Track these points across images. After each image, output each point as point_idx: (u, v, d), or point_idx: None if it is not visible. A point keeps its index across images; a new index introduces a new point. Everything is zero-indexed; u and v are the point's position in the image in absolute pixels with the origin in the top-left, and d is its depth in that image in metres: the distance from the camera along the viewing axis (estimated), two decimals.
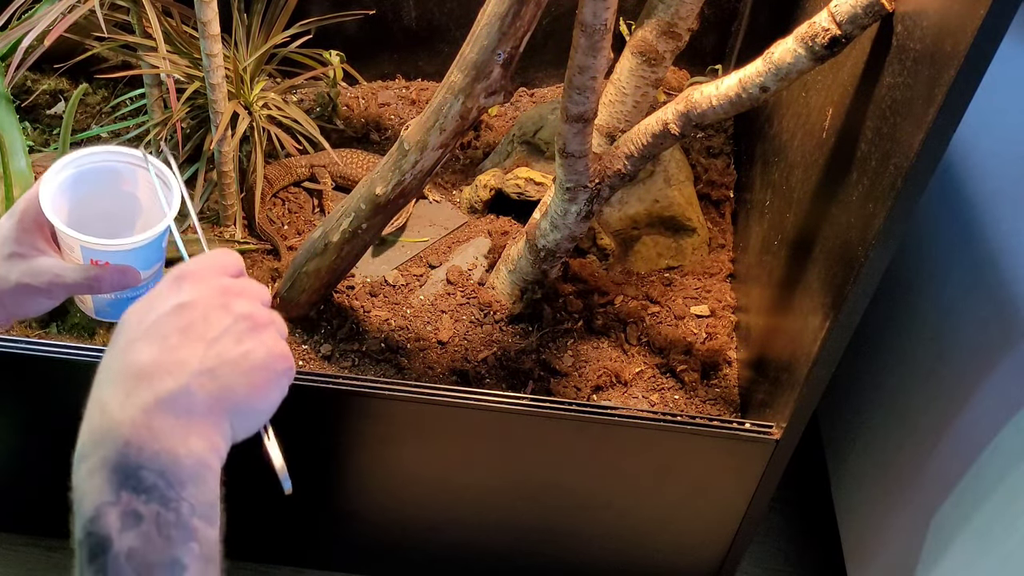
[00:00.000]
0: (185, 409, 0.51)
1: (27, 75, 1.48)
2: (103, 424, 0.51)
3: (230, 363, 0.53)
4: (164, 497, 0.49)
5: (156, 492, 0.48)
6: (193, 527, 0.49)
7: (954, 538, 1.05)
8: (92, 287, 0.75)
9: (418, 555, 1.30)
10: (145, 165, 0.80)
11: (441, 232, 1.42)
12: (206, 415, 0.51)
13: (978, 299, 1.06)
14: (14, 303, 0.74)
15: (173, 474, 0.49)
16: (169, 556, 0.48)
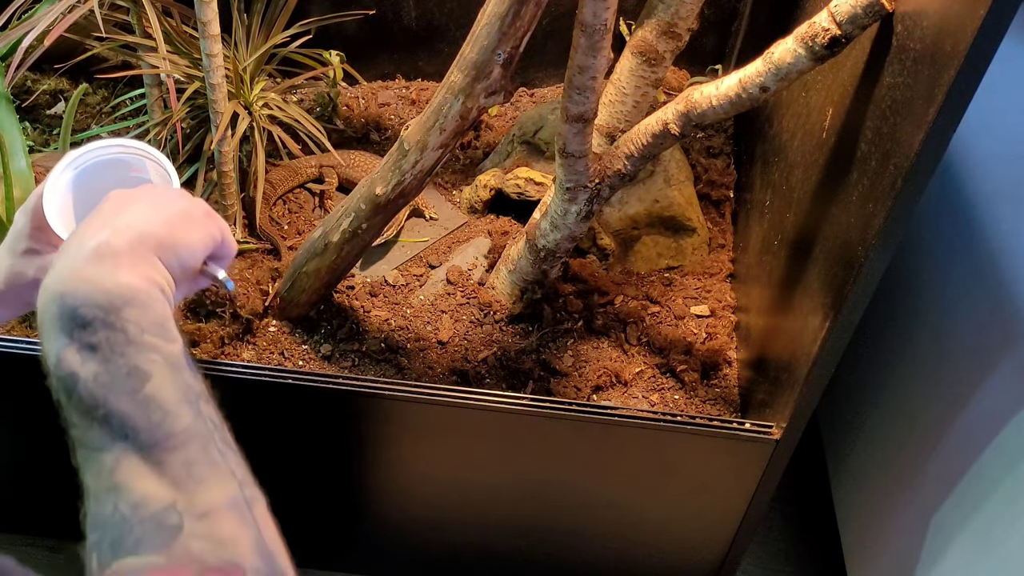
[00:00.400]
0: (108, 255, 0.57)
1: (27, 75, 1.48)
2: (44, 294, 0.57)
3: (146, 216, 0.61)
4: (107, 323, 0.54)
5: (99, 322, 0.54)
6: (147, 341, 0.55)
7: (954, 538, 1.05)
8: None
9: (418, 555, 1.30)
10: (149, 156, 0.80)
11: (441, 232, 1.42)
12: (130, 255, 0.58)
13: (978, 299, 1.06)
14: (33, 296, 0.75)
15: (108, 303, 0.55)
16: (129, 366, 0.54)
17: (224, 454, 0.55)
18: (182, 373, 0.56)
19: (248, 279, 1.27)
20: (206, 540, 0.51)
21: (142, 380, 0.54)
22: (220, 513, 0.53)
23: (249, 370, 1.08)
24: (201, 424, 0.55)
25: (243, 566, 0.51)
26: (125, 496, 0.52)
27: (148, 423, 0.53)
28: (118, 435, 0.53)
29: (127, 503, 0.52)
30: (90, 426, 0.53)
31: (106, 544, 0.51)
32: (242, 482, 0.55)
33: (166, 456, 0.53)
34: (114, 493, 0.52)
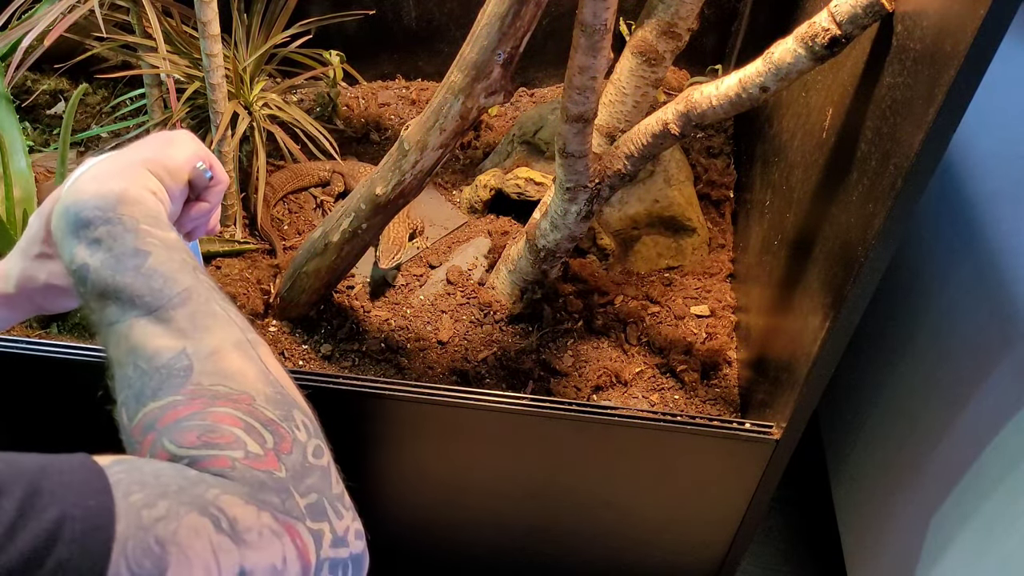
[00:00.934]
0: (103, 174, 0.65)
1: (27, 75, 1.48)
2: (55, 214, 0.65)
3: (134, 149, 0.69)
4: (105, 219, 0.62)
5: (99, 219, 0.63)
6: (143, 229, 0.63)
7: (954, 538, 1.05)
8: None
9: (418, 554, 1.30)
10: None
11: (441, 232, 1.42)
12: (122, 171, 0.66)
13: (978, 299, 1.06)
14: (45, 300, 0.78)
15: (105, 202, 0.63)
16: (130, 248, 0.61)
17: (224, 307, 0.62)
18: (179, 252, 0.63)
19: (248, 279, 1.27)
20: (215, 375, 0.57)
21: (143, 258, 0.61)
22: (226, 351, 0.59)
23: None
24: (200, 284, 0.62)
25: (250, 393, 0.57)
26: (141, 354, 0.58)
27: (151, 289, 0.60)
28: (127, 305, 0.60)
29: (144, 359, 0.58)
30: (104, 305, 0.60)
31: (132, 399, 0.57)
32: (243, 328, 0.61)
33: (171, 313, 0.59)
34: (132, 354, 0.58)
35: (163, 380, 0.57)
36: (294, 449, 0.57)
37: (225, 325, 0.61)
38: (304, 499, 0.56)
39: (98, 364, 1.10)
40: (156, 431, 0.55)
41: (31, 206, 1.26)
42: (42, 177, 1.39)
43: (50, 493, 0.47)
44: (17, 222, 1.24)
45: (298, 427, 0.59)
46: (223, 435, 0.55)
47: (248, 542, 0.51)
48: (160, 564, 0.48)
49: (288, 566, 0.53)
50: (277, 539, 0.53)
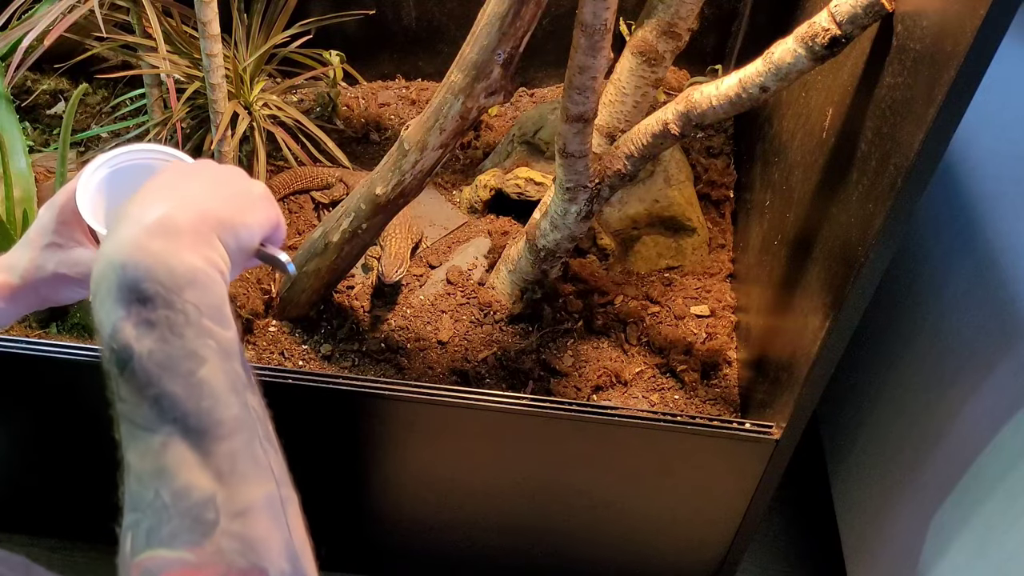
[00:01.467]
0: (172, 231, 0.56)
1: (27, 75, 1.48)
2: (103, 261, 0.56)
3: (207, 193, 0.60)
4: (168, 302, 0.54)
5: (160, 299, 0.54)
6: (204, 326, 0.55)
7: (954, 538, 1.05)
8: None
9: (417, 555, 1.30)
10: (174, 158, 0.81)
11: (441, 232, 1.42)
12: (193, 234, 0.57)
13: (978, 299, 1.06)
14: (49, 290, 0.76)
15: (171, 281, 0.54)
16: (186, 349, 0.54)
17: (266, 450, 0.56)
18: (233, 361, 0.56)
19: (248, 279, 1.27)
20: (238, 540, 0.52)
21: (197, 364, 0.54)
22: (256, 512, 0.53)
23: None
24: (247, 416, 0.56)
25: (268, 570, 0.52)
26: (168, 483, 0.52)
27: (198, 409, 0.53)
28: (168, 417, 0.53)
29: (169, 491, 0.52)
30: (140, 404, 0.53)
31: (142, 530, 0.52)
32: (279, 481, 0.56)
33: (213, 446, 0.53)
34: (158, 478, 0.52)
35: (183, 526, 0.51)
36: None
37: (263, 476, 0.55)
38: None
39: (98, 364, 1.10)
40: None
41: (31, 206, 1.26)
42: (42, 177, 1.39)
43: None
44: (17, 222, 1.24)
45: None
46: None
47: None
48: None
49: None
50: None
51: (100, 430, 0.80)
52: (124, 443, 0.54)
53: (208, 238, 0.58)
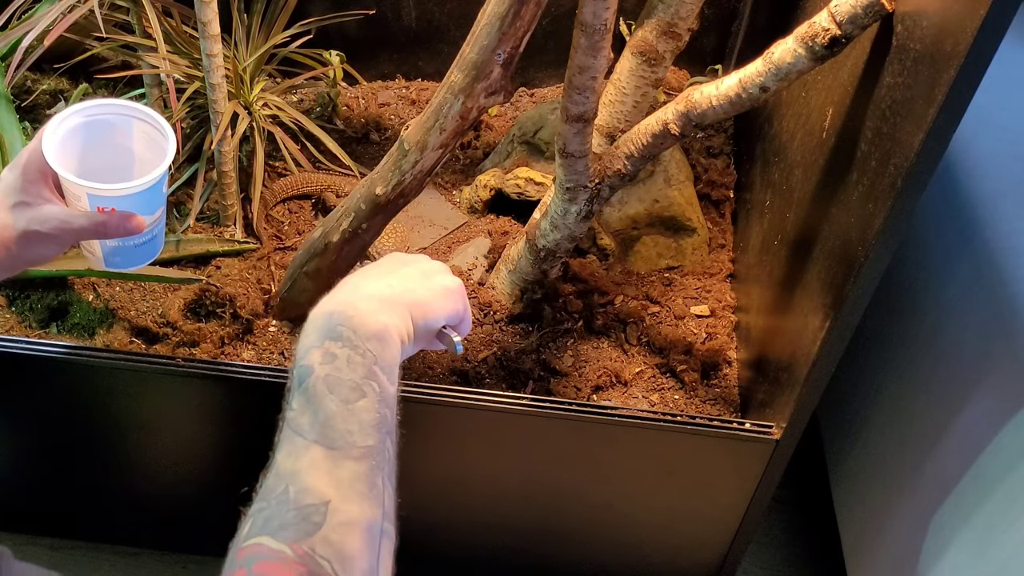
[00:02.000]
0: (376, 299, 0.71)
1: (27, 75, 1.48)
2: (320, 308, 0.70)
3: (414, 280, 0.75)
4: (353, 344, 0.67)
5: (348, 341, 0.67)
6: (374, 371, 0.67)
7: (954, 538, 1.05)
8: (99, 232, 0.82)
9: (416, 555, 1.30)
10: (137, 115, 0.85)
11: (441, 232, 1.42)
12: (392, 305, 0.72)
13: (978, 299, 1.06)
14: (22, 249, 0.80)
15: (362, 331, 0.68)
16: (354, 382, 0.65)
17: (385, 486, 0.64)
18: (387, 409, 0.66)
19: (248, 279, 1.27)
20: (332, 549, 0.57)
21: (358, 396, 0.65)
22: (355, 531, 0.59)
23: (249, 370, 1.08)
24: (381, 452, 0.64)
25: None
26: (298, 481, 0.60)
27: (345, 430, 0.63)
28: (318, 427, 0.62)
29: (295, 487, 0.60)
30: (303, 413, 0.63)
31: (262, 517, 0.58)
32: (386, 515, 0.63)
33: (343, 462, 0.61)
34: (293, 476, 0.60)
35: (293, 520, 0.58)
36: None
37: (374, 504, 0.62)
38: None
39: (98, 364, 1.10)
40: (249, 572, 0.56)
41: None
42: None
43: None
44: None
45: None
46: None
47: None
48: None
49: None
50: None
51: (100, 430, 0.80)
52: (278, 444, 0.63)
53: (402, 312, 0.72)
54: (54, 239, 0.81)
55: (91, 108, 0.84)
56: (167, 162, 0.83)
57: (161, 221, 0.90)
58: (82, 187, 0.80)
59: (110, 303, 1.25)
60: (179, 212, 1.37)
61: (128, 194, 0.82)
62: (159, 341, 1.22)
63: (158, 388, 1.12)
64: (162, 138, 0.85)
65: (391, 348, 0.69)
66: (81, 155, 0.84)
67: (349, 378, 0.65)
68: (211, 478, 1.22)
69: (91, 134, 0.85)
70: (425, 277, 0.77)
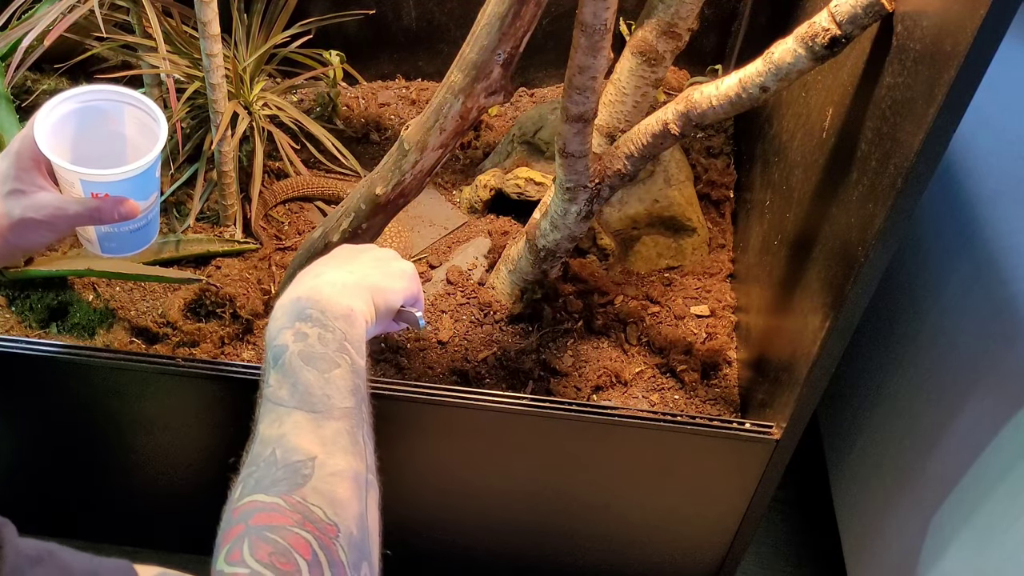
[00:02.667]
0: (339, 285, 0.77)
1: (27, 75, 1.48)
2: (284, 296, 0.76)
3: (369, 267, 0.82)
4: (322, 324, 0.72)
5: (317, 321, 0.72)
6: (345, 346, 0.72)
7: (954, 538, 1.05)
8: (93, 217, 0.83)
9: (416, 555, 1.30)
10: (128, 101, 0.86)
11: (441, 232, 1.42)
12: (352, 288, 0.78)
13: (978, 299, 1.06)
14: (17, 237, 0.81)
15: (329, 312, 0.73)
16: (327, 355, 0.70)
17: (366, 442, 0.69)
18: (358, 378, 0.71)
19: (248, 279, 1.27)
20: (322, 497, 0.62)
21: (331, 367, 0.70)
22: (343, 479, 0.64)
23: (249, 370, 1.08)
24: (358, 413, 0.69)
25: (339, 528, 0.62)
26: (283, 444, 0.65)
27: (323, 394, 0.68)
28: (298, 397, 0.68)
29: (282, 449, 0.64)
30: (281, 386, 0.69)
31: (252, 480, 0.63)
32: (369, 467, 0.68)
33: (325, 422, 0.67)
34: (277, 440, 0.65)
35: (283, 476, 0.63)
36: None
37: (358, 455, 0.67)
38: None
39: (98, 364, 1.10)
40: (247, 526, 0.60)
41: None
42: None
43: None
44: None
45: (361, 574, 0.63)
46: (288, 562, 0.59)
47: None
48: None
49: None
50: None
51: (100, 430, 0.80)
52: (259, 418, 0.68)
53: (364, 296, 0.78)
54: (48, 226, 0.82)
55: (82, 94, 0.84)
56: (159, 146, 0.84)
57: (155, 207, 0.90)
58: (75, 173, 0.81)
59: (110, 303, 1.25)
60: (179, 212, 1.37)
61: (121, 179, 0.83)
62: (159, 341, 1.22)
63: (158, 388, 1.12)
64: (154, 123, 0.85)
65: (357, 327, 0.75)
66: (73, 142, 0.84)
67: (322, 351, 0.70)
68: (211, 478, 1.22)
69: (83, 121, 0.85)
70: (380, 263, 0.83)
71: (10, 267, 1.23)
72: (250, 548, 0.59)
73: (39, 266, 1.24)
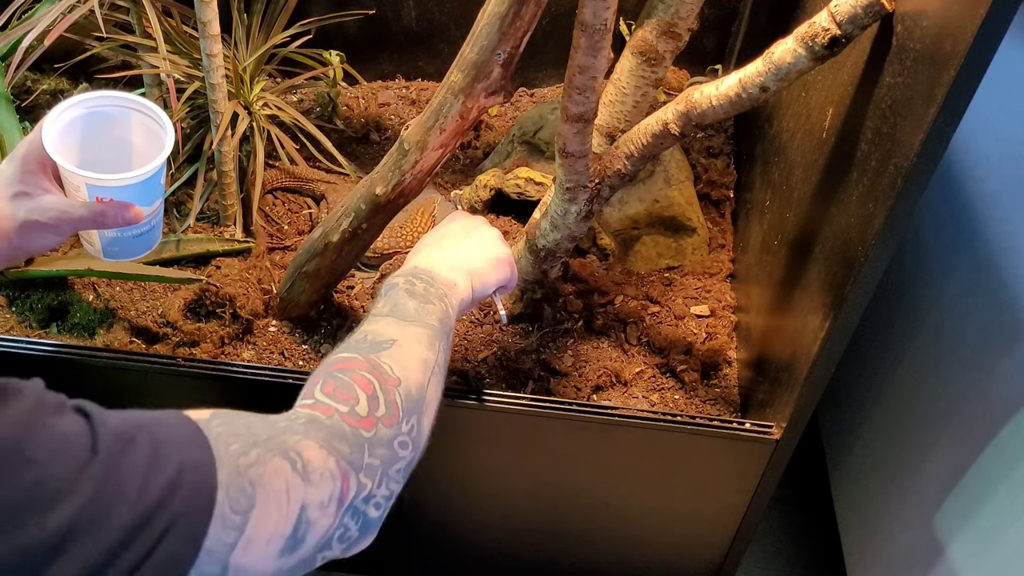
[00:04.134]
0: (447, 264, 0.91)
1: (27, 75, 1.48)
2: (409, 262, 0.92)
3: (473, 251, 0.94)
4: (429, 282, 0.86)
5: (424, 280, 0.86)
6: (444, 298, 0.86)
7: (954, 538, 1.05)
8: (97, 221, 0.83)
9: (415, 555, 1.30)
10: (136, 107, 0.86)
11: None
12: (455, 267, 0.91)
13: (978, 299, 1.06)
14: (22, 239, 0.82)
15: (434, 278, 0.87)
16: (428, 297, 0.84)
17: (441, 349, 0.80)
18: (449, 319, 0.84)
19: (248, 279, 1.27)
20: (394, 360, 0.75)
21: (428, 302, 0.84)
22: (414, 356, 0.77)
23: (249, 370, 1.08)
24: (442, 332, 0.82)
25: (402, 380, 0.74)
26: (372, 331, 0.79)
27: (416, 314, 0.82)
28: (396, 311, 0.82)
29: (374, 334, 0.78)
30: (385, 305, 0.83)
31: (340, 349, 0.77)
32: (439, 363, 0.80)
33: (411, 326, 0.80)
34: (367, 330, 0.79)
35: (365, 345, 0.77)
36: (392, 428, 0.70)
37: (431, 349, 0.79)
38: (369, 458, 0.67)
39: (98, 364, 1.10)
40: (325, 372, 0.73)
41: None
42: None
43: (167, 444, 0.57)
44: None
45: (410, 425, 0.73)
46: (349, 393, 0.70)
47: (312, 481, 0.63)
48: (251, 501, 0.59)
49: (330, 503, 0.64)
50: (332, 481, 0.64)
51: None
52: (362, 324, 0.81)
53: (464, 279, 0.91)
54: (53, 229, 0.82)
55: (90, 100, 0.85)
56: (165, 153, 0.84)
57: (159, 213, 0.90)
58: (81, 177, 0.81)
59: (110, 303, 1.25)
60: (179, 212, 1.37)
61: (126, 184, 0.83)
62: (159, 341, 1.22)
63: (158, 388, 1.12)
64: (160, 130, 0.86)
65: (455, 296, 0.88)
66: (80, 147, 0.85)
67: (423, 294, 0.84)
68: None
69: (90, 126, 0.85)
70: (483, 249, 0.95)
71: (10, 267, 1.23)
72: (321, 386, 0.70)
73: (39, 266, 1.24)
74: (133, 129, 0.87)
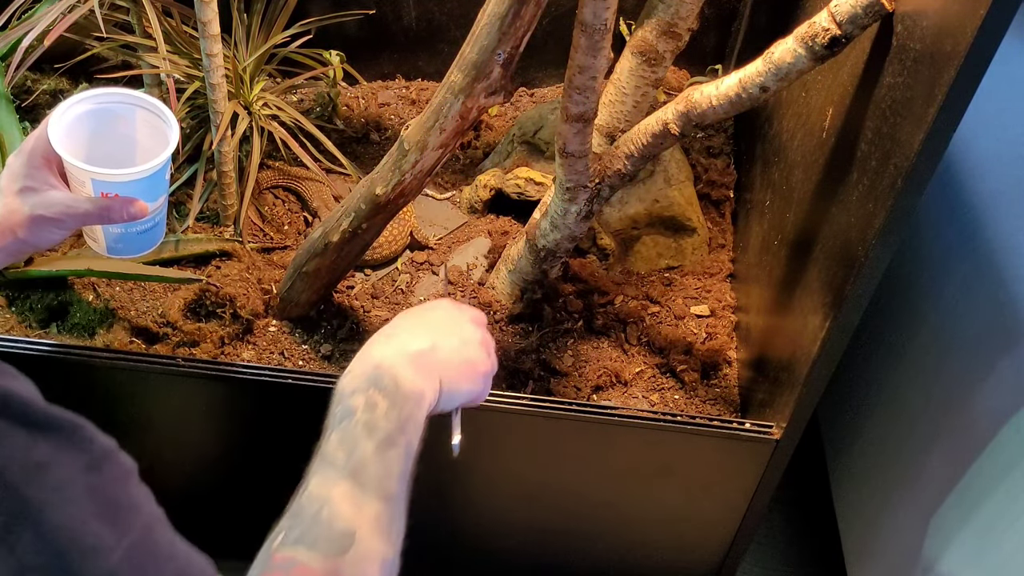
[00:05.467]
0: (417, 363, 0.77)
1: (27, 75, 1.48)
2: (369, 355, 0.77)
3: (454, 352, 0.81)
4: (392, 397, 0.74)
5: (388, 392, 0.74)
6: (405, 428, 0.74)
7: (954, 538, 1.05)
8: (102, 216, 0.84)
9: (415, 554, 1.30)
10: (141, 104, 0.86)
11: (441, 232, 1.42)
12: (427, 371, 0.78)
13: (978, 299, 1.06)
14: (28, 233, 0.82)
15: (400, 386, 0.75)
16: (388, 433, 0.72)
17: (399, 528, 0.74)
18: (409, 461, 0.75)
19: (248, 279, 1.27)
20: (354, 569, 0.66)
21: (389, 446, 0.72)
22: (375, 563, 0.69)
23: (249, 370, 1.08)
24: (402, 498, 0.74)
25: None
26: (330, 506, 0.68)
27: (376, 476, 0.71)
28: (353, 467, 0.70)
29: (329, 511, 0.67)
30: (339, 450, 0.71)
31: (296, 532, 0.66)
32: (396, 551, 0.73)
33: (371, 500, 0.70)
34: (324, 500, 0.68)
35: (324, 539, 0.66)
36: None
37: (390, 543, 0.72)
38: None
39: (98, 364, 1.10)
40: (287, 573, 0.64)
41: None
42: None
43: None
44: None
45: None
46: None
47: None
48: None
49: None
50: None
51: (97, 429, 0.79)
52: (313, 470, 0.70)
53: (434, 381, 0.79)
54: (59, 223, 0.83)
55: (96, 96, 0.85)
56: (170, 149, 0.85)
57: (163, 209, 0.91)
58: (86, 172, 0.82)
59: (110, 303, 1.25)
60: (179, 212, 1.37)
61: (131, 180, 0.84)
62: (159, 341, 1.22)
63: (158, 388, 1.12)
64: (165, 126, 0.87)
65: (421, 408, 0.77)
66: (86, 142, 0.86)
67: (385, 427, 0.72)
68: (211, 478, 1.22)
69: (96, 122, 0.86)
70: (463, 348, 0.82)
71: (10, 267, 1.23)
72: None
73: (39, 266, 1.24)
74: (138, 126, 0.88)
